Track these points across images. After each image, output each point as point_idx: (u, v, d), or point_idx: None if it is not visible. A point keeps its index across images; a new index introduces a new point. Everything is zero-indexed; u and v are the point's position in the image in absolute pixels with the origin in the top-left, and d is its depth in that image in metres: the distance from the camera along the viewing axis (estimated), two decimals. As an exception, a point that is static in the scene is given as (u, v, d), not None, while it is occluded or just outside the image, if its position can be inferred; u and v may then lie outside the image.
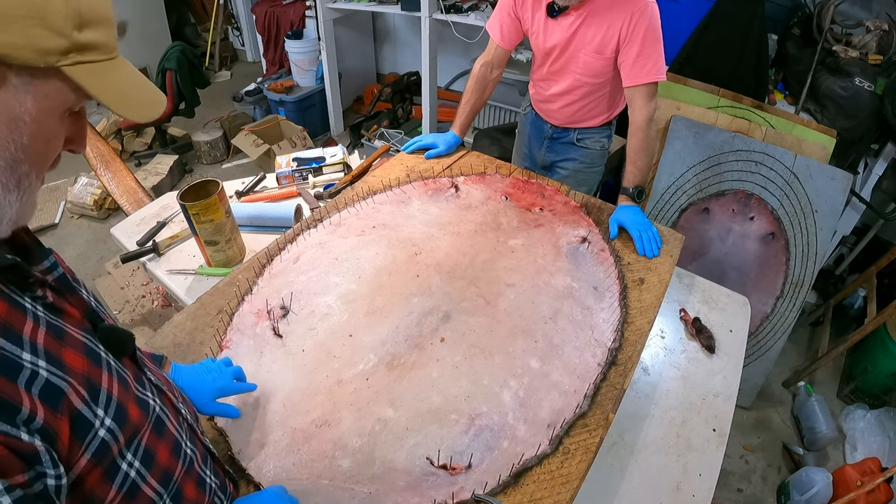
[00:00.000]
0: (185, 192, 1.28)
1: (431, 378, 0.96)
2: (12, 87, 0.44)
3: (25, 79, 0.45)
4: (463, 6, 2.89)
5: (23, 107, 0.45)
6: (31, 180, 0.49)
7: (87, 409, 0.49)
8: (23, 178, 0.48)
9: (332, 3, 3.31)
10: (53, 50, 0.44)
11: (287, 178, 1.76)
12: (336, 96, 3.80)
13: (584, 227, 1.34)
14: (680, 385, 1.19)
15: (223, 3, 4.72)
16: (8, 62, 0.43)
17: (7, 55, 0.43)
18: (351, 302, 1.09)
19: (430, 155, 1.62)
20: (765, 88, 2.25)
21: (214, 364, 0.89)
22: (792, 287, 2.05)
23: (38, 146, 0.48)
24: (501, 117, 3.51)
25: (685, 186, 2.08)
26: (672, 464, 1.04)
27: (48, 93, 0.46)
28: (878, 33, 2.09)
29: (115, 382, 0.53)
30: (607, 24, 1.39)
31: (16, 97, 0.45)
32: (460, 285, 1.14)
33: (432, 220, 1.33)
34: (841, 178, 1.94)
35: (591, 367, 1.00)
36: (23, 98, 0.45)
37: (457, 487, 0.81)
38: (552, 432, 0.89)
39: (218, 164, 3.66)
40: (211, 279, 1.35)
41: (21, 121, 0.45)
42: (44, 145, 0.48)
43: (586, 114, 1.64)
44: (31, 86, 0.45)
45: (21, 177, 0.48)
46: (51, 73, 0.46)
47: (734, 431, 1.23)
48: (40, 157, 0.49)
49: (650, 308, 1.14)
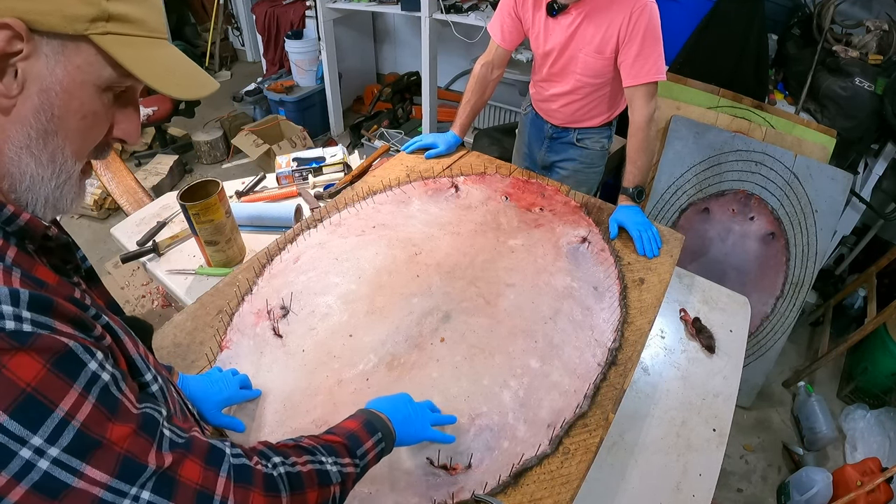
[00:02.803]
0: (185, 192, 1.28)
1: (431, 378, 0.96)
2: (43, 56, 0.44)
3: (56, 47, 0.45)
4: (463, 6, 2.88)
5: (53, 76, 0.45)
6: (66, 158, 0.49)
7: (141, 360, 0.52)
8: (56, 154, 0.48)
9: (332, 3, 3.31)
10: (81, 16, 0.44)
11: (287, 178, 1.76)
12: (336, 96, 3.80)
13: (584, 227, 1.34)
14: (680, 385, 1.19)
15: (223, 3, 4.72)
16: (37, 28, 0.43)
17: (35, 21, 0.43)
18: (351, 302, 1.09)
19: (430, 155, 1.62)
20: (765, 88, 2.25)
21: (221, 374, 0.90)
22: (792, 287, 2.05)
23: (71, 120, 0.47)
24: (501, 117, 3.50)
25: (685, 186, 2.08)
26: (672, 464, 1.04)
27: (79, 63, 0.46)
28: (878, 33, 2.09)
29: (151, 360, 0.56)
30: (607, 24, 1.39)
31: (46, 66, 0.45)
32: (460, 285, 1.14)
33: (432, 220, 1.33)
34: (841, 178, 1.94)
35: (591, 367, 1.00)
36: (53, 67, 0.45)
37: (457, 487, 0.81)
38: (552, 432, 0.89)
39: (218, 164, 3.65)
40: (211, 279, 1.35)
41: (52, 90, 0.45)
42: (79, 120, 0.48)
43: (586, 114, 1.64)
44: (62, 55, 0.45)
45: (55, 152, 0.47)
46: (82, 43, 0.45)
47: (734, 431, 1.23)
48: (76, 133, 0.48)
49: (650, 308, 1.14)
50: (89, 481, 0.40)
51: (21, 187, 0.47)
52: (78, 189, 0.51)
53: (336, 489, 0.58)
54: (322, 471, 0.58)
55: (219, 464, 0.49)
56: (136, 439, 0.43)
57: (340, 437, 0.65)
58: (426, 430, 0.80)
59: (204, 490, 0.46)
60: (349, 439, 0.65)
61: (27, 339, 0.39)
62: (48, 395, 0.39)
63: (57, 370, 0.40)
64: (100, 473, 0.40)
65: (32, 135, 0.46)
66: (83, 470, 0.40)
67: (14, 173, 0.46)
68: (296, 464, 0.56)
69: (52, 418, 0.39)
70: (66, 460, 0.39)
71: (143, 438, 0.43)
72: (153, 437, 0.45)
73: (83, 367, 0.41)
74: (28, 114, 0.45)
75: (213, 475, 0.47)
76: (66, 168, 0.49)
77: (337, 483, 0.59)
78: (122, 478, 0.41)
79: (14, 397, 0.37)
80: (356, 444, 0.65)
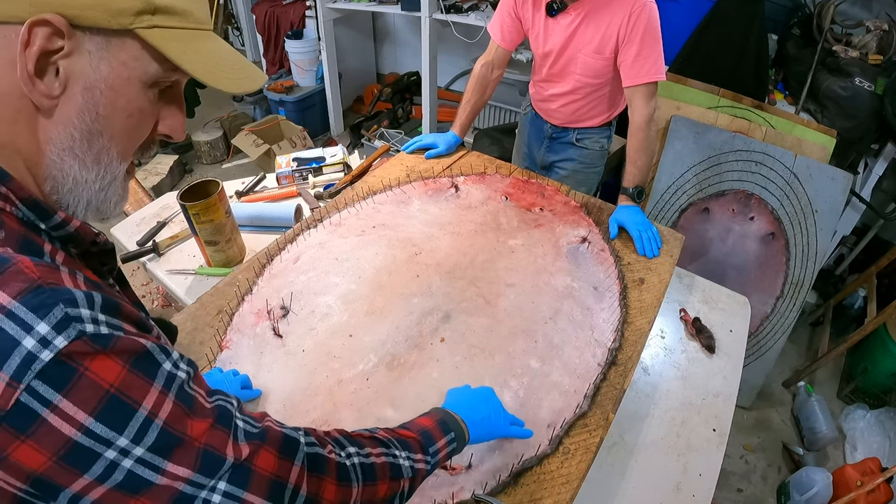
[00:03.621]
0: (185, 192, 1.28)
1: (431, 378, 0.96)
2: (86, 53, 0.43)
3: (99, 43, 0.43)
4: (463, 6, 2.88)
5: (98, 73, 0.43)
6: (112, 159, 0.47)
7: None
8: (102, 155, 0.46)
9: (332, 3, 3.31)
10: (126, 10, 0.42)
11: (287, 178, 1.76)
12: (336, 96, 3.80)
13: (584, 227, 1.34)
14: (680, 385, 1.19)
15: (223, 3, 4.71)
16: (80, 24, 0.42)
17: (78, 16, 0.41)
18: (351, 302, 1.09)
19: (430, 155, 1.62)
20: (765, 88, 2.25)
21: (223, 375, 0.90)
22: (792, 287, 2.05)
23: (117, 119, 0.46)
24: (501, 117, 3.50)
25: (685, 186, 2.08)
26: (672, 464, 1.04)
27: (125, 60, 0.44)
28: (878, 33, 2.09)
29: None
30: (606, 24, 1.39)
31: (90, 63, 0.43)
32: (460, 285, 1.14)
33: (432, 220, 1.33)
34: (841, 178, 1.94)
35: (591, 367, 1.00)
36: (97, 64, 0.43)
37: (457, 487, 0.81)
38: (552, 432, 0.89)
39: (218, 164, 3.65)
40: (211, 279, 1.35)
41: (97, 89, 0.44)
42: (125, 119, 0.46)
43: (586, 114, 1.64)
44: (107, 51, 0.43)
45: (100, 153, 0.46)
46: (127, 38, 0.44)
47: (734, 431, 1.23)
48: (122, 132, 0.47)
49: (650, 308, 1.14)
50: (171, 477, 0.40)
51: (63, 189, 0.46)
52: (122, 191, 0.50)
53: (406, 484, 0.59)
54: (395, 464, 0.58)
55: (293, 453, 0.48)
56: (213, 433, 0.43)
57: (414, 433, 0.65)
58: (506, 429, 0.80)
59: (278, 479, 0.46)
60: (423, 436, 0.65)
61: (108, 341, 0.38)
62: (131, 395, 0.39)
63: (136, 370, 0.39)
64: (182, 469, 0.41)
65: (76, 136, 0.44)
66: (165, 467, 0.40)
67: (56, 176, 0.45)
68: (370, 455, 0.56)
69: (136, 418, 0.39)
70: (150, 459, 0.39)
71: (220, 431, 0.44)
72: (229, 428, 0.45)
73: (159, 367, 0.41)
74: (71, 114, 0.44)
75: (288, 464, 0.47)
76: (112, 169, 0.48)
77: (408, 478, 0.59)
78: (202, 472, 0.41)
79: (99, 399, 0.37)
80: (429, 442, 0.65)
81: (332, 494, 0.50)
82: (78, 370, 0.36)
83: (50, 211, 0.44)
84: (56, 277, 0.38)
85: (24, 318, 0.35)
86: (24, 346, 0.35)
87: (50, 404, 0.35)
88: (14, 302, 0.35)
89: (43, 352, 0.35)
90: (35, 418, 0.35)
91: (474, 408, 0.77)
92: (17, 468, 0.36)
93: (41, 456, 0.36)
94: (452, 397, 0.81)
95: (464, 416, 0.74)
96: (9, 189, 0.42)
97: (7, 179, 0.42)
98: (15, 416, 0.35)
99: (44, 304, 0.36)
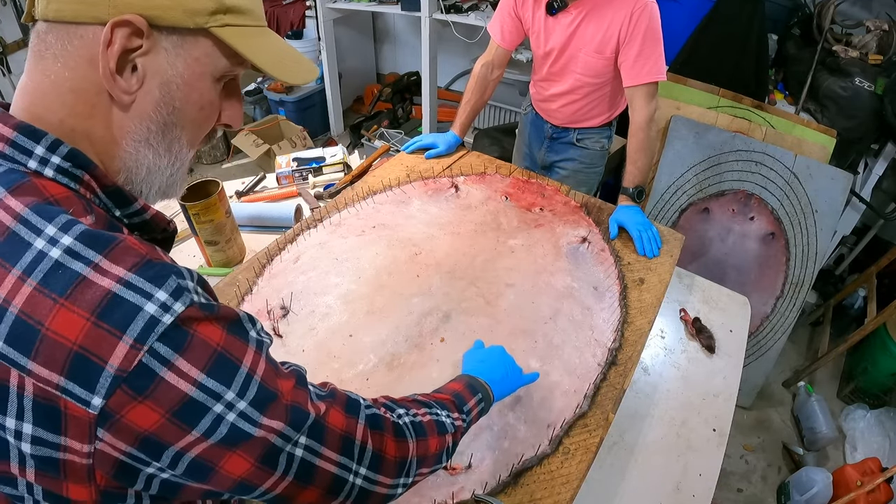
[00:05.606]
0: (186, 192, 1.28)
1: (431, 378, 0.96)
2: (163, 50, 0.45)
3: (175, 41, 0.46)
4: (463, 6, 2.88)
5: (174, 69, 0.46)
6: (182, 146, 0.51)
7: None
8: (174, 144, 0.49)
9: (332, 3, 3.31)
10: (201, 10, 0.45)
11: (287, 178, 1.76)
12: (336, 96, 3.80)
13: (584, 227, 1.34)
14: (680, 385, 1.19)
15: (223, 3, 4.72)
16: (158, 24, 0.44)
17: (157, 16, 0.44)
18: (351, 302, 1.09)
19: (430, 155, 1.61)
20: (765, 88, 2.25)
21: None
22: (792, 287, 2.05)
23: (190, 111, 0.49)
24: (501, 117, 3.50)
25: (685, 186, 2.08)
26: (672, 464, 1.04)
27: (198, 56, 0.47)
28: (878, 33, 2.09)
29: None
30: (607, 24, 1.39)
31: (167, 59, 0.46)
32: (460, 285, 1.14)
33: (432, 220, 1.33)
34: (841, 178, 1.94)
35: (591, 367, 1.00)
36: (174, 61, 0.46)
37: (457, 487, 0.81)
38: (552, 432, 0.89)
39: (218, 164, 3.65)
40: (211, 279, 1.35)
41: (173, 84, 0.47)
42: (197, 111, 0.50)
43: (586, 114, 1.64)
44: (182, 48, 0.46)
45: (172, 142, 0.49)
46: (200, 36, 0.47)
47: (734, 431, 1.23)
48: (193, 123, 0.50)
49: (650, 308, 1.14)
50: (267, 430, 0.43)
51: (137, 178, 0.49)
52: (185, 176, 0.54)
53: (449, 438, 0.63)
54: (439, 421, 0.63)
55: (357, 412, 0.53)
56: (297, 391, 0.47)
57: (447, 395, 0.70)
58: (520, 380, 0.85)
59: (347, 434, 0.50)
60: (455, 397, 0.70)
61: (213, 309, 0.42)
62: (234, 353, 0.42)
63: (234, 334, 0.43)
64: (276, 422, 0.44)
65: (152, 128, 0.47)
66: (262, 420, 0.43)
67: (131, 167, 0.48)
68: (416, 414, 0.61)
69: (239, 374, 0.42)
70: (250, 413, 0.42)
71: (302, 390, 0.48)
72: (307, 389, 0.49)
73: (248, 333, 0.45)
74: (148, 108, 0.46)
75: (354, 422, 0.52)
76: (182, 157, 0.51)
77: (451, 433, 0.64)
78: (292, 425, 0.45)
79: (209, 357, 0.40)
80: (462, 402, 0.70)
81: (394, 450, 0.55)
82: (189, 332, 0.40)
83: (130, 199, 0.48)
84: (158, 255, 0.42)
85: (143, 287, 0.39)
86: (146, 310, 0.38)
87: (168, 363, 0.38)
88: (131, 274, 0.39)
89: (164, 315, 0.38)
90: (153, 378, 0.38)
91: (493, 368, 0.82)
92: (128, 430, 0.38)
93: (155, 414, 0.38)
94: (470, 363, 0.85)
95: (486, 378, 0.78)
96: (91, 177, 0.45)
97: (92, 168, 0.45)
98: (136, 377, 0.37)
99: (159, 275, 0.40)
